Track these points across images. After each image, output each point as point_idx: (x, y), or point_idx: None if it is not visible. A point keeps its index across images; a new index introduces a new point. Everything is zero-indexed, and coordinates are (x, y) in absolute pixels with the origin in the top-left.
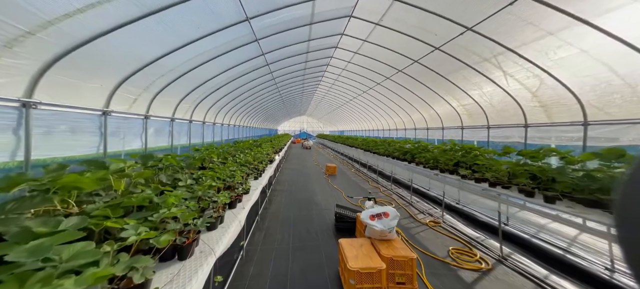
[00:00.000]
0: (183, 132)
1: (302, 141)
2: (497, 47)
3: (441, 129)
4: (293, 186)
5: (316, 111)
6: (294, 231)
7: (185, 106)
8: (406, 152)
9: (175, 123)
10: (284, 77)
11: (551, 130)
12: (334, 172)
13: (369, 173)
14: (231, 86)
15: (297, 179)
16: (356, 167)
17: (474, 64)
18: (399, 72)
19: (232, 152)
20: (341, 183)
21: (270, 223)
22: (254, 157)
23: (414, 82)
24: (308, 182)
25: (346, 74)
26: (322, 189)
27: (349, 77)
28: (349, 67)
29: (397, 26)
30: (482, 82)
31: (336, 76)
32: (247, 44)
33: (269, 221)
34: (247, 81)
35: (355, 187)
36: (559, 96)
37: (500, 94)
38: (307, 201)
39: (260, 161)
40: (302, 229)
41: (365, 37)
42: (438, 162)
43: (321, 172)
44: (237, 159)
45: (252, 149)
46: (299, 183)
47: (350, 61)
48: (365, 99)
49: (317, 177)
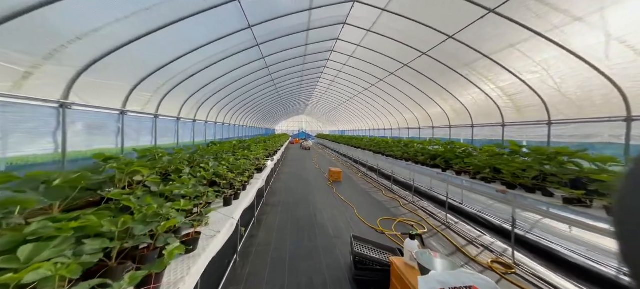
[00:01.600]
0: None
1: (300, 141)
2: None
3: (432, 128)
4: (290, 197)
5: (315, 111)
6: (291, 283)
7: (188, 106)
8: (435, 157)
9: (180, 122)
10: (282, 78)
11: None
12: (339, 178)
13: (380, 180)
14: (229, 85)
15: (296, 188)
16: (363, 172)
17: (457, 67)
18: (391, 75)
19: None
20: (350, 193)
21: (254, 267)
22: (231, 167)
23: (406, 84)
24: (309, 193)
25: (343, 75)
26: (327, 203)
27: (346, 79)
28: (346, 69)
29: (387, 32)
30: (468, 85)
31: (333, 77)
32: (248, 48)
33: (253, 263)
34: (246, 83)
35: (367, 199)
36: None
37: (483, 98)
38: (308, 223)
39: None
40: (303, 277)
41: (359, 41)
42: (495, 173)
43: (324, 178)
44: (199, 172)
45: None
46: (298, 193)
47: (346, 64)
48: (362, 99)
49: (319, 184)
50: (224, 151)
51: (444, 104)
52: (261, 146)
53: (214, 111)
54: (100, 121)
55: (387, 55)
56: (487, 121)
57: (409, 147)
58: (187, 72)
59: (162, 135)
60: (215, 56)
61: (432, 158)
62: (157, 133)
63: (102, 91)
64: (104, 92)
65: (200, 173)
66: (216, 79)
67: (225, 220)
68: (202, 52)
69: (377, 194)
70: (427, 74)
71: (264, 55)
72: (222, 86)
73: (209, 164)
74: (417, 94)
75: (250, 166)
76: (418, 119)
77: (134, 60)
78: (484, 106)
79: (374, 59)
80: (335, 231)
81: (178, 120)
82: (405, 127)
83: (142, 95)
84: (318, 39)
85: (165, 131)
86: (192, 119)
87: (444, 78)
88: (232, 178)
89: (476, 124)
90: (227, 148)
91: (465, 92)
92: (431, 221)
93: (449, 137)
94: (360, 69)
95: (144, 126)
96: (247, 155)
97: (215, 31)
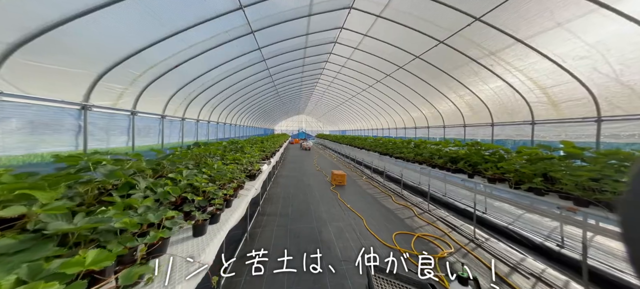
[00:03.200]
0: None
1: (300, 141)
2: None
3: (443, 127)
4: (290, 205)
5: (315, 110)
6: None
7: (177, 102)
8: (455, 160)
9: (165, 120)
10: (281, 73)
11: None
12: (343, 182)
13: (388, 184)
14: (224, 81)
15: (296, 194)
16: (368, 175)
17: (478, 58)
18: (399, 69)
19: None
20: (356, 200)
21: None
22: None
23: (415, 79)
24: (311, 200)
25: (345, 71)
26: (332, 213)
27: (348, 75)
28: (349, 64)
29: (399, 18)
30: (489, 77)
31: (335, 72)
32: (242, 36)
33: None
34: (242, 77)
35: (376, 207)
36: None
37: None
38: (311, 240)
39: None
40: None
41: (366, 31)
42: (549, 183)
43: (326, 182)
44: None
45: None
46: (298, 201)
47: (349, 58)
48: (364, 97)
49: (321, 189)
50: (210, 154)
51: (459, 101)
52: (257, 147)
53: (206, 109)
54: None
55: (397, 45)
56: (511, 118)
57: (422, 149)
58: (168, 63)
59: (143, 135)
60: (202, 44)
61: (452, 161)
62: (136, 132)
63: (53, 78)
64: (56, 80)
65: (164, 187)
66: (207, 71)
67: (186, 268)
68: (185, 38)
69: (387, 201)
70: (441, 66)
71: (260, 45)
72: (217, 81)
73: (183, 174)
74: (427, 90)
75: (240, 173)
76: (427, 117)
77: (98, 42)
78: (507, 102)
79: (382, 51)
80: (344, 251)
81: (163, 118)
82: (411, 126)
83: (112, 87)
84: (320, 28)
85: (146, 130)
86: (180, 117)
87: (458, 71)
88: (212, 192)
89: (497, 122)
90: (214, 151)
91: (484, 85)
92: (455, 236)
93: (464, 137)
94: (364, 63)
95: (116, 125)
96: (238, 159)
97: (200, 12)
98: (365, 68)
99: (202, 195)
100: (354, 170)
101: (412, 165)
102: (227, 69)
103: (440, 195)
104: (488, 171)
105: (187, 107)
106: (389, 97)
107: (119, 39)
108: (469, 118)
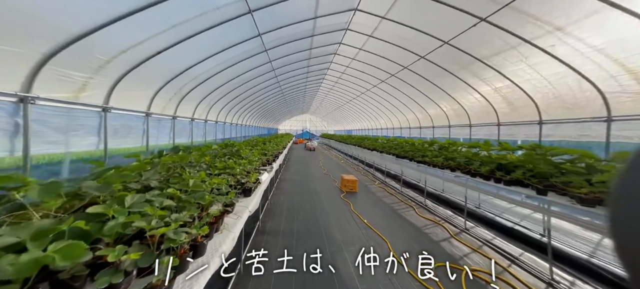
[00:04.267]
0: None
1: (304, 141)
2: None
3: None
4: (295, 220)
5: (319, 109)
6: None
7: (165, 98)
8: (505, 168)
9: (151, 119)
10: (286, 74)
11: None
12: (354, 188)
13: (405, 191)
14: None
15: (302, 205)
16: (380, 179)
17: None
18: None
19: None
20: (372, 212)
21: None
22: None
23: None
24: (320, 213)
25: (350, 71)
26: (346, 230)
27: (353, 75)
28: (353, 64)
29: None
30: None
31: (340, 72)
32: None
33: None
34: (242, 71)
35: (399, 223)
36: None
37: None
38: (326, 284)
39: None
40: None
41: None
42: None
43: (335, 188)
44: None
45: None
46: (305, 214)
47: (354, 58)
48: (369, 97)
49: (331, 197)
50: (193, 162)
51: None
52: (258, 150)
53: (202, 106)
54: None
55: (401, 45)
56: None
57: (451, 152)
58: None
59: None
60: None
61: (502, 169)
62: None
63: None
64: None
65: None
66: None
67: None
68: None
69: (410, 215)
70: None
71: (266, 48)
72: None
73: (125, 202)
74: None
75: (228, 188)
76: (432, 117)
77: None
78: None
79: (386, 52)
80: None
81: (148, 116)
82: (416, 126)
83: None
84: (325, 29)
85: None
86: (171, 115)
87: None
88: (170, 238)
89: (503, 122)
90: (198, 158)
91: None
92: (520, 273)
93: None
94: (369, 64)
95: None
96: (231, 167)
97: None
98: (370, 68)
99: (146, 246)
100: (365, 174)
101: (435, 170)
102: (234, 71)
103: (473, 207)
104: (582, 188)
105: (179, 104)
106: (394, 97)
107: (73, 10)
108: (474, 118)
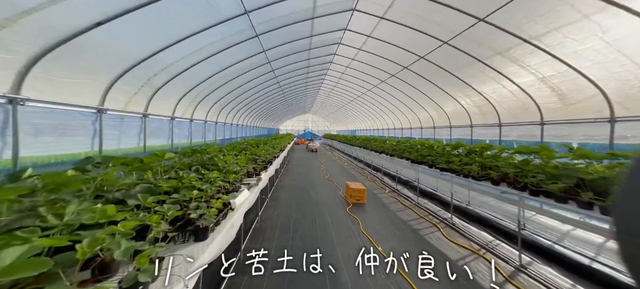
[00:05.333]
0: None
1: (306, 141)
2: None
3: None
4: (289, 239)
5: (321, 109)
6: None
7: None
8: (599, 187)
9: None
10: (286, 74)
11: None
12: (362, 199)
13: (422, 201)
14: (230, 83)
15: (300, 221)
16: (390, 186)
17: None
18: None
19: None
20: (387, 233)
21: None
22: None
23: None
24: (321, 233)
25: (350, 71)
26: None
27: (353, 75)
28: (353, 64)
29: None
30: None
31: (340, 73)
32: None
33: None
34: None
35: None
36: None
37: None
38: None
39: None
40: None
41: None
42: None
43: (339, 198)
44: None
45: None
46: (302, 234)
47: (354, 58)
48: (370, 97)
49: (334, 211)
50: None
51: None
52: (246, 156)
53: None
54: None
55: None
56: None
57: (485, 157)
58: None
59: (155, 136)
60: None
61: (587, 187)
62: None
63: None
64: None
65: None
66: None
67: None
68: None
69: (436, 238)
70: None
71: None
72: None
73: None
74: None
75: None
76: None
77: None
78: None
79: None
80: None
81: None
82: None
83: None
84: (324, 30)
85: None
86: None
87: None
88: None
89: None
90: (146, 175)
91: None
92: None
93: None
94: (363, 72)
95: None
96: (191, 187)
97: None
98: (370, 68)
99: None
100: (372, 179)
101: (467, 181)
102: (232, 72)
103: (514, 228)
104: None
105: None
106: (394, 97)
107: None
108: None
